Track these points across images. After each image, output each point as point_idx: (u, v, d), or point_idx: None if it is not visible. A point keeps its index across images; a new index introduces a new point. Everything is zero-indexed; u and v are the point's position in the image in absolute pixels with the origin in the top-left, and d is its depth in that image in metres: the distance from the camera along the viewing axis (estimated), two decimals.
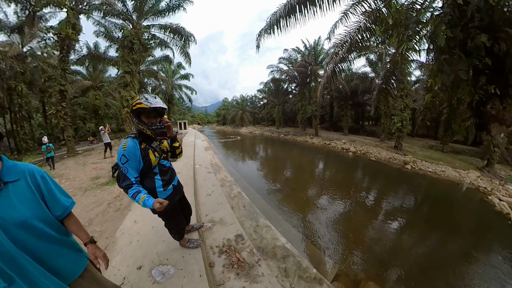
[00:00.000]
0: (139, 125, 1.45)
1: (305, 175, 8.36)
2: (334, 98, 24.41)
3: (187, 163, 5.71)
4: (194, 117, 51.97)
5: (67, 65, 9.89)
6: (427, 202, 6.01)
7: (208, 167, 5.84)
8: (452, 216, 4.94)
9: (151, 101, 1.41)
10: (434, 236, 4.02)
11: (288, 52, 21.07)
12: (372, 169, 9.67)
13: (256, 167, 9.94)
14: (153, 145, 1.56)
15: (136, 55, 9.57)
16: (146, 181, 1.54)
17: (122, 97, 9.87)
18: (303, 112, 22.01)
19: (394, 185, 7.37)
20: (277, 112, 28.13)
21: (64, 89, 9.63)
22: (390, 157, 11.15)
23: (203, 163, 6.43)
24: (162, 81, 20.34)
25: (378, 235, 3.94)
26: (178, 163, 5.54)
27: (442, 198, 6.17)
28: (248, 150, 15.81)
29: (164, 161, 1.69)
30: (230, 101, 46.09)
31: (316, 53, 18.60)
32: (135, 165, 1.42)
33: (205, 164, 6.25)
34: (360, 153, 13.43)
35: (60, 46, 9.48)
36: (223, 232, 2.48)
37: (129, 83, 9.87)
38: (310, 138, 19.44)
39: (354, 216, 4.70)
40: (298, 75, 21.09)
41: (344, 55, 6.35)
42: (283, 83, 25.91)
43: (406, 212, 5.14)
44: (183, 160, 6.07)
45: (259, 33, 5.07)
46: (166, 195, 1.63)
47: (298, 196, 5.66)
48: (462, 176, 7.94)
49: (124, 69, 9.66)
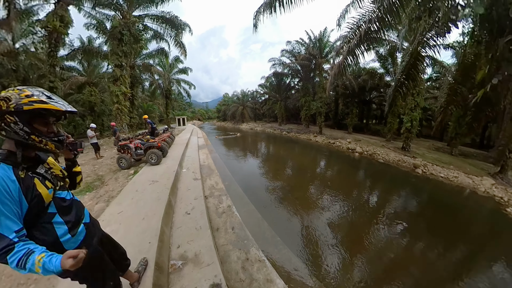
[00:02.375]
0: (30, 136, 0.91)
1: (308, 180, 7.59)
2: (340, 95, 23.34)
3: (170, 166, 5.08)
4: (194, 112, 51.31)
5: (56, 60, 9.34)
6: (446, 215, 5.30)
7: (196, 172, 5.22)
8: (472, 232, 4.53)
9: (56, 99, 0.97)
10: (459, 254, 3.56)
11: (291, 45, 19.98)
12: (381, 173, 8.98)
13: (255, 169, 9.16)
14: (41, 171, 0.99)
15: (126, 47, 8.93)
16: (38, 231, 0.96)
17: (112, 93, 9.27)
18: (307, 108, 21.11)
19: (407, 193, 6.79)
20: (279, 108, 27.19)
21: (54, 85, 9.05)
22: (399, 159, 10.57)
23: (192, 165, 5.82)
24: (159, 76, 19.51)
25: (410, 270, 3.14)
26: (158, 168, 5.03)
27: (460, 209, 5.75)
28: (247, 148, 15.06)
29: (63, 192, 1.09)
30: (230, 96, 45.19)
31: (322, 45, 17.48)
32: (11, 210, 0.84)
33: (193, 168, 5.63)
34: (367, 154, 12.76)
35: (48, 40, 8.91)
36: (195, 278, 1.85)
37: (119, 78, 9.24)
38: (313, 136, 18.63)
39: (368, 233, 4.02)
40: (301, 69, 20.07)
41: (359, 41, 5.44)
42: (285, 78, 24.89)
43: (425, 228, 4.55)
44: (167, 163, 5.46)
45: (257, 11, 4.29)
46: (78, 242, 1.10)
47: (302, 207, 4.95)
48: (476, 183, 7.45)
49: (113, 62, 9.00)
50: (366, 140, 16.16)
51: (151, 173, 4.48)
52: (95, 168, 6.01)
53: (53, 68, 9.10)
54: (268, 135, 22.27)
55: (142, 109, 31.04)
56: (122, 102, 9.98)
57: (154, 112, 32.80)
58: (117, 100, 9.54)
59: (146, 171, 4.81)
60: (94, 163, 6.69)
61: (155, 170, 4.82)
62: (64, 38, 9.78)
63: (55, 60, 9.17)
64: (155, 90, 26.22)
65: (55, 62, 9.19)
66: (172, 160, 5.94)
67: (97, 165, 6.36)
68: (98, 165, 6.35)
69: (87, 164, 6.65)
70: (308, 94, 21.31)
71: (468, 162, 10.63)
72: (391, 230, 4.22)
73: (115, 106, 9.73)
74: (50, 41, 8.86)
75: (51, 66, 9.06)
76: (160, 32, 10.74)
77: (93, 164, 6.53)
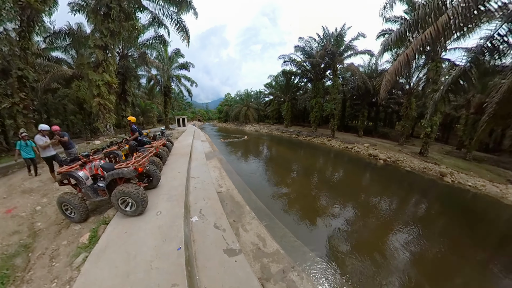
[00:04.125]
0: None
1: (368, 209, 5.60)
2: (348, 97, 22.05)
3: (167, 221, 2.67)
4: (194, 113, 49.15)
5: (28, 44, 7.36)
6: (493, 232, 4.76)
7: (217, 215, 3.15)
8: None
9: None
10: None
11: (303, 41, 18.33)
12: (412, 184, 8.19)
13: (294, 193, 6.26)
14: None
15: (114, 24, 6.92)
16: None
17: (90, 82, 7.26)
18: (318, 110, 19.50)
19: (447, 207, 6.14)
20: (287, 109, 25.48)
21: (23, 74, 7.14)
22: (424, 167, 10.10)
23: (207, 203, 3.56)
24: (157, 70, 17.29)
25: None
26: (142, 224, 2.58)
27: (500, 222, 5.44)
28: (263, 155, 12.94)
29: None
30: (233, 96, 43.28)
31: (341, 42, 15.89)
32: None
33: (211, 203, 3.47)
34: (390, 161, 11.85)
35: (19, 18, 7.00)
36: None
37: (101, 63, 7.22)
38: (327, 140, 17.00)
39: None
40: (313, 68, 18.45)
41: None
42: (293, 77, 23.24)
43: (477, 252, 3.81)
44: (160, 207, 3.01)
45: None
46: None
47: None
48: (503, 192, 7.35)
49: (94, 42, 6.99)
50: (380, 144, 15.46)
51: (126, 247, 2.17)
52: (39, 207, 3.42)
53: (23, 52, 7.20)
54: (277, 138, 20.44)
55: (140, 108, 28.77)
56: (105, 95, 7.89)
57: (153, 112, 30.49)
58: (97, 92, 7.40)
59: (116, 236, 2.38)
60: (44, 192, 3.97)
61: (136, 232, 2.44)
62: (42, 18, 7.83)
63: (26, 43, 7.25)
64: (153, 87, 23.98)
65: (27, 45, 7.27)
66: (169, 196, 3.39)
67: (46, 198, 3.73)
68: (48, 198, 3.71)
69: (33, 192, 3.91)
70: (319, 95, 19.80)
71: (484, 168, 10.52)
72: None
73: (95, 100, 7.54)
74: (21, 19, 7.01)
75: (21, 50, 7.16)
76: (158, 15, 8.85)
77: (42, 194, 3.89)
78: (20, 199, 3.70)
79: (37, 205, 3.49)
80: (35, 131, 7.31)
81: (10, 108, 7.46)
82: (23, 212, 3.24)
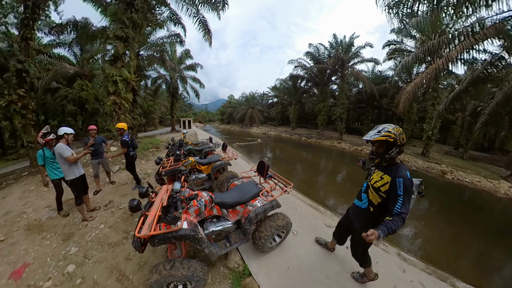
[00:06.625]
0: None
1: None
2: (352, 101, 23.32)
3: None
4: (195, 114, 49.05)
5: (31, 33, 6.29)
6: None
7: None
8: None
9: None
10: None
11: (313, 47, 19.26)
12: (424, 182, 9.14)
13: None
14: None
15: (137, 14, 6.21)
16: None
17: (107, 77, 6.31)
18: (325, 113, 20.53)
19: (449, 200, 7.16)
20: (293, 112, 26.30)
21: (23, 67, 5.97)
22: (427, 166, 11.19)
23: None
24: (166, 70, 16.46)
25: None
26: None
27: (493, 211, 6.51)
28: (291, 160, 12.27)
29: None
30: (236, 98, 43.58)
31: (351, 50, 16.97)
32: None
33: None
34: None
35: (23, 3, 6.03)
36: None
37: (120, 56, 6.43)
38: (337, 142, 17.97)
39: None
40: (320, 73, 19.40)
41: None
42: (300, 81, 24.14)
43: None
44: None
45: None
46: None
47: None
48: (496, 186, 8.46)
49: (114, 32, 6.12)
50: None
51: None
52: (72, 267, 2.06)
53: (25, 43, 6.12)
54: (288, 141, 21.09)
55: (142, 109, 28.12)
56: (123, 94, 6.68)
57: (155, 113, 30.03)
58: (114, 89, 6.34)
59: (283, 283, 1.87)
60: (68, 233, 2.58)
61: (294, 260, 2.11)
62: (49, 5, 6.73)
63: (29, 32, 6.25)
64: (158, 88, 23.23)
65: (30, 34, 6.28)
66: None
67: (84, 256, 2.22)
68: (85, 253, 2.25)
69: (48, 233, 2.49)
70: (326, 99, 20.83)
71: (480, 166, 11.56)
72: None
73: (111, 98, 6.46)
74: (26, 4, 6.00)
75: (23, 41, 6.11)
76: (176, 12, 8.23)
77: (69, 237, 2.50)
78: (27, 243, 2.09)
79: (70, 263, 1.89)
80: (34, 134, 6.43)
81: (6, 107, 6.15)
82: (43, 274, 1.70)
